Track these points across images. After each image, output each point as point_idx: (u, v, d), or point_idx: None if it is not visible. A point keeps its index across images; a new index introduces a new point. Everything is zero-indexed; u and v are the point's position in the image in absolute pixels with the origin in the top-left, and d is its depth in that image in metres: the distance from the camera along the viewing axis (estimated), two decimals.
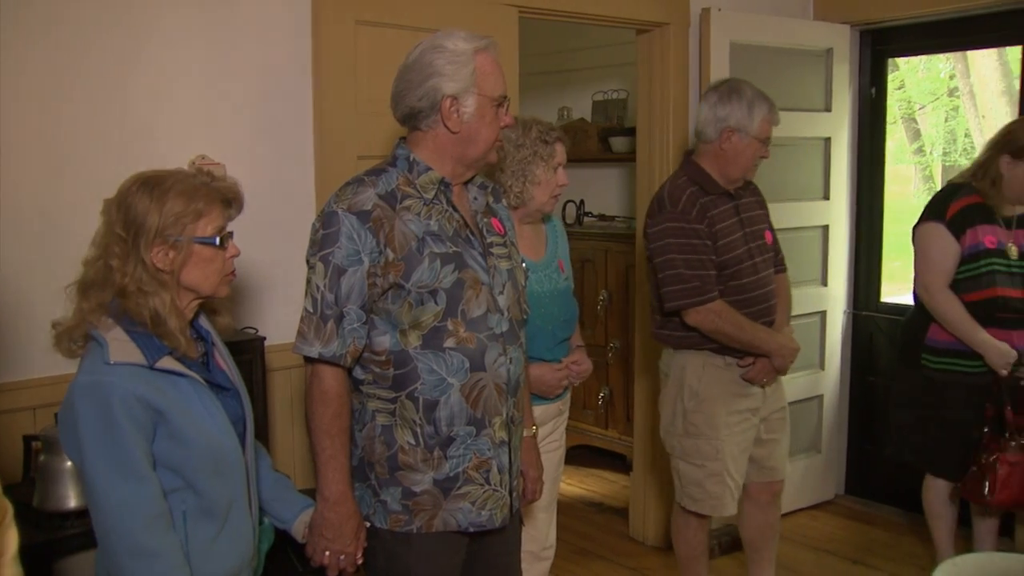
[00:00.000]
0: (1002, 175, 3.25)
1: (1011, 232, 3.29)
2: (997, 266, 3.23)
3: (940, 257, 3.29)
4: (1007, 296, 3.24)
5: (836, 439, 4.65)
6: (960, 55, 9.06)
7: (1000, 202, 3.29)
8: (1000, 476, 3.18)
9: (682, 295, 2.95)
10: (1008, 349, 3.23)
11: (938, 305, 3.30)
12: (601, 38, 5.06)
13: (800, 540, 4.23)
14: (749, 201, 3.18)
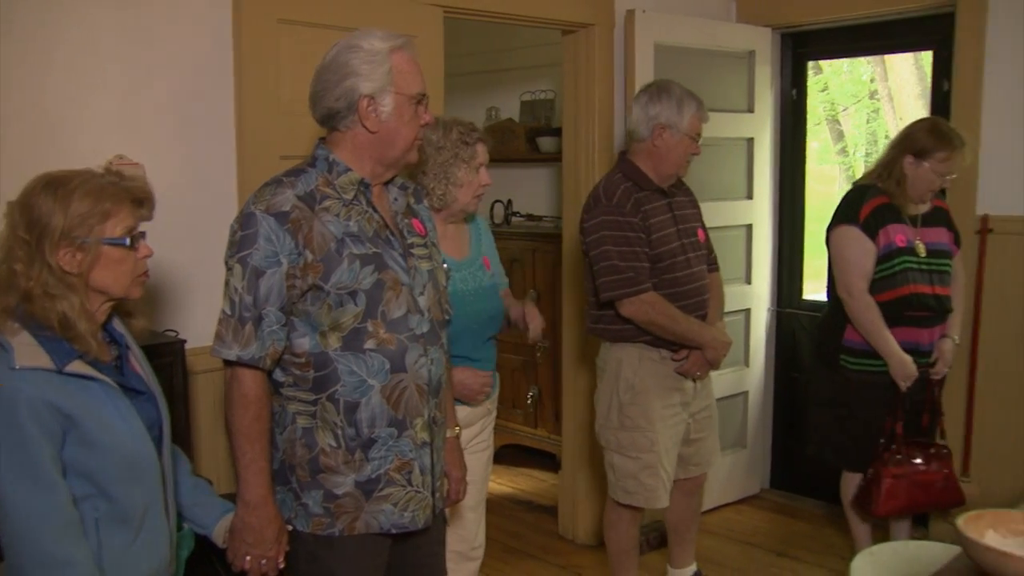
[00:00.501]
0: (906, 175, 3.34)
1: (917, 230, 3.38)
2: (909, 264, 3.32)
3: (859, 259, 3.35)
4: (920, 293, 3.32)
5: (761, 435, 4.73)
6: (879, 59, 9.28)
7: (905, 201, 3.37)
8: (884, 488, 3.30)
9: (616, 285, 3.02)
10: (911, 366, 3.30)
11: (858, 308, 3.36)
12: (529, 39, 5.09)
13: (726, 534, 4.30)
14: (682, 200, 3.28)
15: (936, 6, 4.01)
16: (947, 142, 3.29)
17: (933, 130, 3.34)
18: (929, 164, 3.30)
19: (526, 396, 5.06)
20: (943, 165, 3.29)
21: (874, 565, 2.72)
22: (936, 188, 3.38)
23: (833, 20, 4.39)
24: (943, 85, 4.09)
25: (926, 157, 3.30)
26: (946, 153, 3.28)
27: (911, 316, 3.34)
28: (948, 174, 3.32)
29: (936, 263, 3.36)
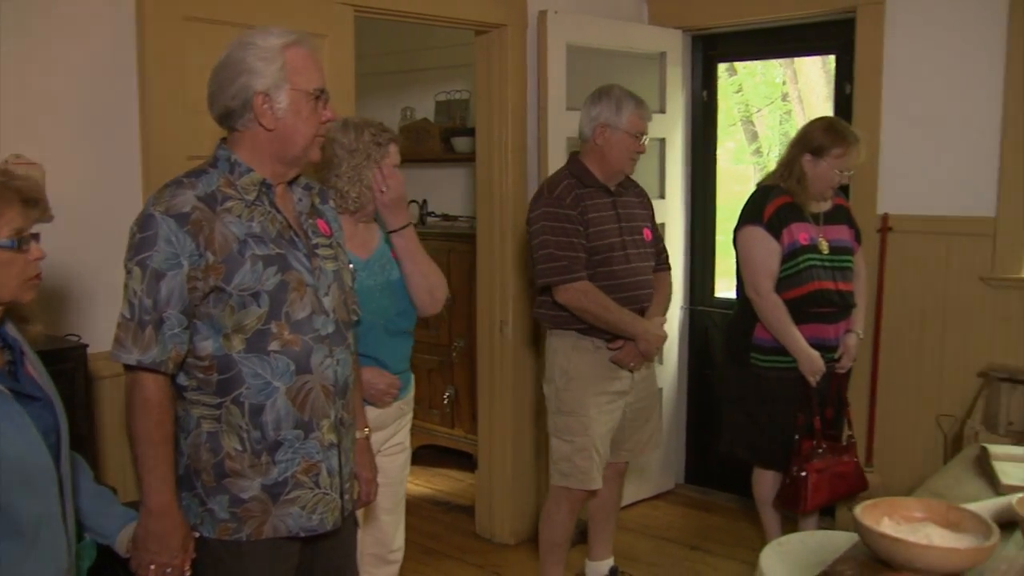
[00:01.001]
0: (806, 173, 3.43)
1: (820, 228, 3.47)
2: (814, 261, 3.40)
3: (765, 258, 3.43)
4: (824, 289, 3.40)
5: (675, 431, 4.81)
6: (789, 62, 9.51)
7: (807, 199, 3.46)
8: (810, 484, 3.39)
9: (552, 272, 3.20)
10: (819, 362, 3.39)
11: (766, 307, 3.43)
12: (444, 38, 5.08)
13: (641, 530, 4.36)
14: (631, 200, 3.44)
15: (838, 12, 4.13)
16: (842, 139, 3.40)
17: (828, 128, 3.44)
18: (826, 161, 3.39)
19: (443, 396, 5.06)
20: (839, 161, 3.39)
21: (781, 555, 2.79)
22: (835, 184, 3.47)
23: (741, 23, 4.50)
24: (846, 88, 4.21)
25: (823, 154, 3.39)
26: (842, 149, 3.38)
27: (817, 312, 3.42)
28: (845, 169, 3.42)
29: (839, 260, 3.46)
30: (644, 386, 3.50)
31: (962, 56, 3.78)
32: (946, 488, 2.46)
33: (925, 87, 3.88)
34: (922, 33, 3.87)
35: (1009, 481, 2.36)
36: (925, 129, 3.89)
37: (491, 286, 4.16)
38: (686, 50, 4.66)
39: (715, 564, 4.01)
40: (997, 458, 2.51)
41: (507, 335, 4.10)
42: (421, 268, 2.75)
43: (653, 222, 3.53)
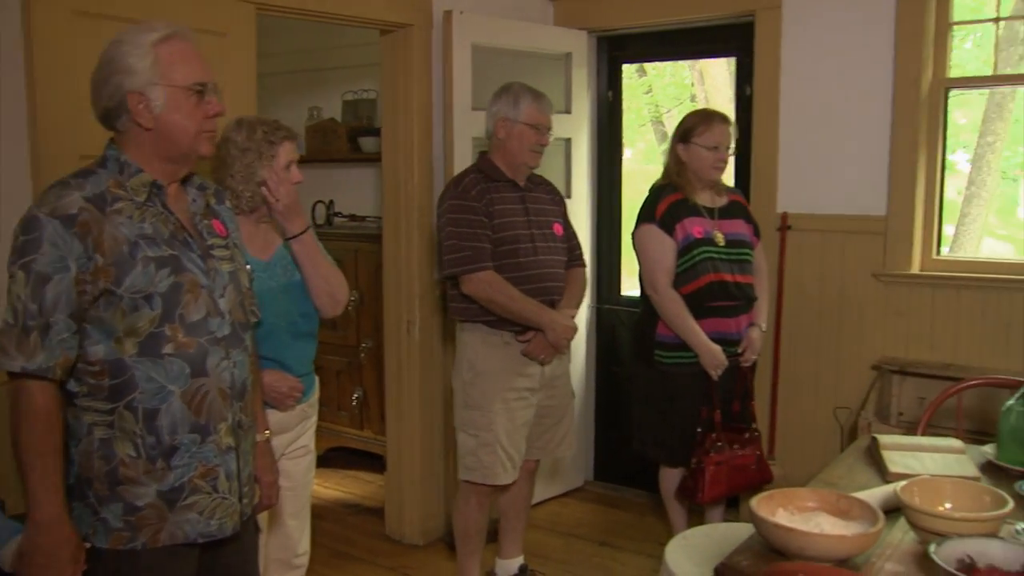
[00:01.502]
0: (683, 162, 3.52)
1: (715, 222, 3.53)
2: (709, 253, 3.46)
3: (660, 255, 3.49)
4: (722, 281, 3.46)
5: (584, 428, 4.85)
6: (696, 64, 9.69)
7: (693, 191, 3.52)
8: (708, 476, 3.44)
9: (456, 263, 3.27)
10: (721, 355, 3.45)
11: (665, 304, 3.48)
12: (352, 38, 5.03)
13: (550, 527, 4.39)
14: (540, 196, 3.51)
15: (738, 15, 4.22)
16: (703, 117, 3.52)
17: (691, 113, 3.59)
18: (695, 143, 3.48)
19: (351, 398, 5.02)
20: (705, 138, 3.47)
21: (686, 548, 2.86)
22: (715, 164, 3.49)
23: (645, 25, 4.57)
24: (746, 90, 4.31)
25: (690, 138, 3.49)
26: (704, 127, 3.48)
27: (716, 306, 3.47)
28: (717, 146, 3.47)
29: (736, 252, 3.51)
30: (556, 384, 3.52)
31: (855, 59, 3.91)
32: (839, 478, 2.52)
33: (821, 89, 4.00)
34: (817, 36, 3.98)
35: (896, 469, 2.44)
36: (821, 130, 4.01)
37: (398, 286, 4.14)
38: (591, 51, 4.71)
39: (623, 559, 4.06)
40: (886, 447, 2.59)
41: (414, 335, 4.09)
42: (321, 271, 2.73)
43: (565, 218, 3.57)
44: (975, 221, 7.69)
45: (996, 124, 7.67)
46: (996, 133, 7.68)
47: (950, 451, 2.58)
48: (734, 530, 2.86)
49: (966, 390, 3.12)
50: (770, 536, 1.99)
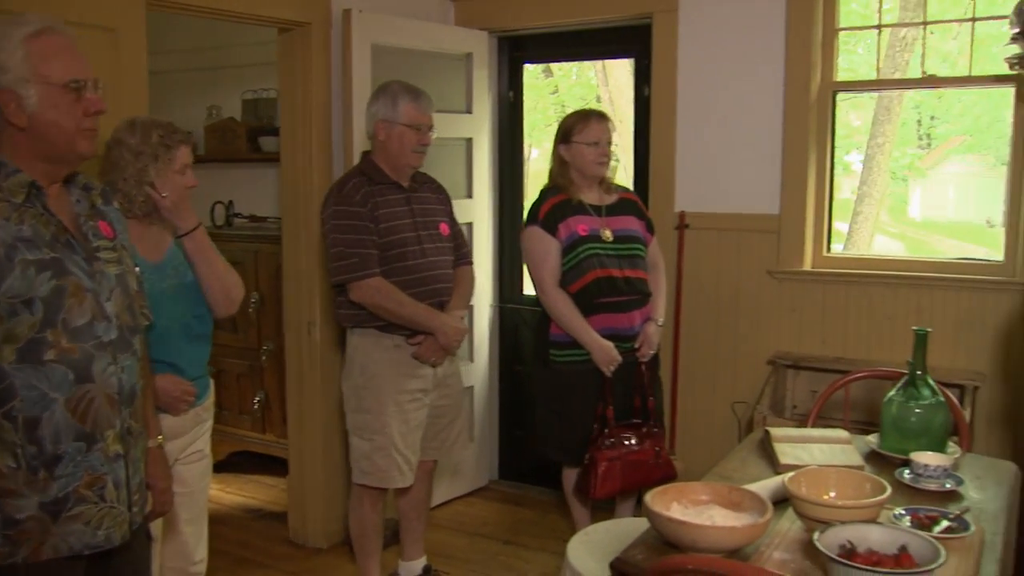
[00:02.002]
0: (566, 162, 3.55)
1: (603, 219, 3.56)
2: (595, 250, 3.48)
3: (544, 256, 3.51)
4: (610, 276, 3.47)
5: (488, 428, 4.87)
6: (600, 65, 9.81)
7: (578, 190, 3.55)
8: (600, 472, 3.45)
9: (344, 270, 3.23)
10: (612, 351, 3.47)
11: (552, 303, 3.51)
12: (251, 35, 4.94)
13: (455, 527, 4.40)
14: (426, 196, 3.48)
15: (636, 17, 4.29)
16: (581, 116, 3.56)
17: (569, 115, 3.62)
18: (575, 142, 3.51)
19: (253, 401, 4.94)
20: (585, 135, 3.50)
21: (587, 544, 2.89)
22: (598, 160, 3.52)
23: (546, 26, 4.60)
24: (644, 90, 4.38)
25: (571, 137, 3.53)
26: (582, 124, 3.52)
27: (605, 302, 3.48)
28: (597, 142, 3.50)
29: (625, 248, 3.53)
30: (449, 384, 3.52)
31: (748, 62, 4.01)
32: (733, 470, 2.59)
33: (716, 91, 4.09)
34: (712, 39, 4.08)
35: (786, 460, 2.52)
36: (717, 131, 4.10)
37: (298, 287, 4.09)
38: (492, 51, 4.73)
39: (527, 557, 4.09)
40: (777, 440, 2.67)
41: (315, 336, 4.05)
42: (215, 269, 2.68)
43: (451, 217, 3.55)
44: (867, 219, 7.95)
45: (885, 126, 7.96)
46: (885, 135, 7.96)
47: (837, 442, 2.68)
48: (635, 525, 2.88)
49: (852, 383, 3.23)
50: (664, 530, 2.03)
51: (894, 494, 2.31)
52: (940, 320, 3.70)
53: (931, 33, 6.44)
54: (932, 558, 1.79)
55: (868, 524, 1.96)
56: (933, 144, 9.64)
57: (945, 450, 2.61)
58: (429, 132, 3.36)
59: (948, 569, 1.89)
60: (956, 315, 3.71)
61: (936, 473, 2.41)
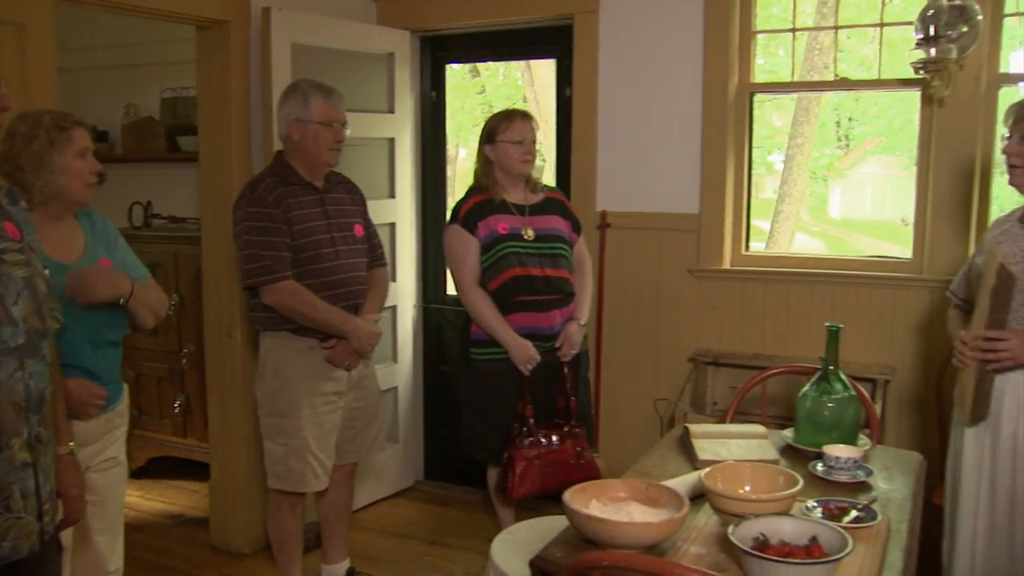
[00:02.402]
0: (491, 161, 3.55)
1: (526, 218, 3.56)
2: (514, 248, 3.48)
3: (463, 254, 3.52)
4: (528, 275, 3.48)
5: (413, 428, 4.86)
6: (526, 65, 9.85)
7: (502, 190, 3.55)
8: (518, 472, 3.45)
9: (255, 273, 3.18)
10: (529, 350, 3.47)
11: (470, 302, 3.52)
12: (171, 32, 4.84)
13: (380, 528, 4.38)
14: (340, 196, 3.43)
15: (558, 18, 4.32)
16: (504, 116, 3.57)
17: (492, 115, 3.62)
18: (500, 141, 3.52)
19: (173, 405, 4.84)
20: (509, 134, 3.51)
21: (511, 543, 2.90)
22: (522, 158, 3.52)
23: (468, 26, 4.60)
24: (566, 91, 4.41)
25: (496, 136, 3.53)
26: (506, 123, 3.52)
27: (524, 301, 3.48)
28: (521, 140, 3.50)
29: (547, 247, 3.53)
30: (364, 386, 3.50)
31: (667, 64, 4.07)
32: (652, 467, 2.63)
33: (637, 92, 4.14)
34: (632, 41, 4.12)
35: (704, 456, 2.56)
36: (637, 131, 4.15)
37: (218, 289, 4.04)
38: (415, 51, 4.71)
39: (453, 557, 4.09)
40: (696, 436, 2.71)
41: (236, 339, 3.99)
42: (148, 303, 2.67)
43: (366, 218, 3.53)
44: (788, 218, 8.13)
45: (804, 127, 8.14)
46: (804, 136, 8.15)
47: (754, 437, 2.73)
48: (559, 524, 2.89)
49: (769, 379, 3.29)
50: (582, 527, 2.05)
51: (808, 486, 2.38)
52: (854, 316, 3.80)
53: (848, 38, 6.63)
54: (841, 547, 1.85)
55: (781, 517, 2.00)
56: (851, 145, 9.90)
57: (856, 442, 2.68)
58: (343, 128, 3.33)
59: (856, 557, 1.95)
60: (869, 311, 3.82)
61: (847, 465, 2.48)
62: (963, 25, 3.44)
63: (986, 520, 2.70)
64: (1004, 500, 2.66)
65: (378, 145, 4.49)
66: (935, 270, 3.67)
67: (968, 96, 3.57)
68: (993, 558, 2.69)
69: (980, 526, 2.72)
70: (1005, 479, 2.65)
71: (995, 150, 3.62)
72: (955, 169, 3.64)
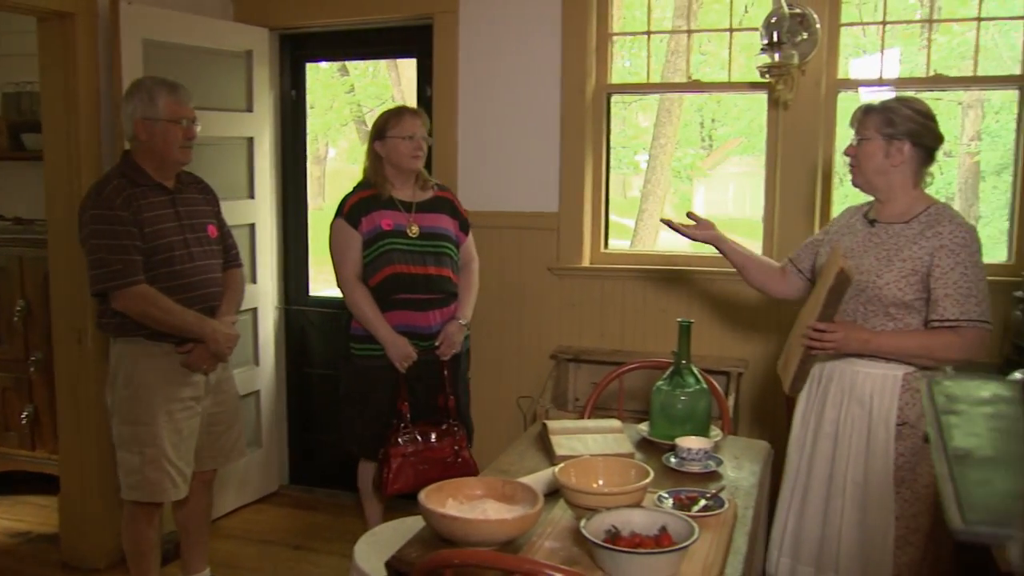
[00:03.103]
0: (381, 157, 3.56)
1: (411, 215, 3.57)
2: (396, 245, 3.50)
3: (345, 249, 3.53)
4: (410, 272, 3.49)
5: (277, 432, 4.77)
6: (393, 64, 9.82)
7: (390, 186, 3.56)
8: (392, 469, 3.47)
9: (105, 278, 3.06)
10: (405, 348, 3.49)
11: (349, 297, 3.53)
12: (15, 23, 4.62)
13: (243, 536, 4.28)
14: (193, 197, 3.32)
15: (417, 17, 4.32)
16: (394, 112, 3.59)
17: (382, 112, 3.63)
18: (390, 135, 3.53)
19: (20, 416, 4.62)
20: (399, 129, 3.52)
21: (375, 544, 2.89)
22: (413, 153, 3.53)
23: (328, 24, 4.55)
24: (427, 91, 4.41)
25: (385, 133, 3.54)
26: (396, 119, 3.55)
27: (402, 299, 3.50)
28: (411, 136, 3.52)
29: (431, 245, 3.55)
30: (223, 390, 3.42)
31: (527, 65, 4.12)
32: (511, 464, 2.65)
33: (497, 92, 4.17)
34: (492, 41, 4.16)
35: (562, 452, 2.60)
36: (497, 131, 4.19)
37: (67, 294, 3.87)
38: (274, 49, 4.63)
39: (318, 561, 4.03)
40: (554, 432, 2.75)
41: (87, 345, 3.84)
42: None
43: (220, 219, 3.45)
44: (652, 216, 8.34)
45: (666, 128, 8.37)
46: (667, 136, 8.38)
47: (610, 431, 2.79)
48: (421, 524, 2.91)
49: (626, 374, 3.37)
50: (437, 526, 2.06)
51: (662, 478, 2.45)
52: (709, 311, 3.93)
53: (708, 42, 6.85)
54: (688, 535, 1.90)
55: (632, 509, 2.06)
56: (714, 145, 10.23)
57: (708, 434, 2.77)
58: (194, 125, 3.23)
59: (703, 544, 2.02)
60: (723, 306, 3.94)
61: (698, 456, 2.56)
62: (804, 32, 3.60)
63: (800, 500, 2.83)
64: (819, 482, 2.77)
65: (236, 144, 4.39)
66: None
67: (810, 100, 3.74)
68: (803, 538, 2.81)
69: (794, 504, 2.85)
70: (823, 463, 2.77)
71: (836, 151, 3.80)
72: (800, 169, 3.80)
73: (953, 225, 2.64)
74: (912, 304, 2.65)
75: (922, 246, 2.64)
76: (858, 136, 2.76)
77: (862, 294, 2.69)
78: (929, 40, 3.72)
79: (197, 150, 3.30)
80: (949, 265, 2.59)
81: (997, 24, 4.61)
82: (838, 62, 3.79)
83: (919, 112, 2.71)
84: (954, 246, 2.60)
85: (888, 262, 2.67)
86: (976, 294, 2.59)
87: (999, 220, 6.74)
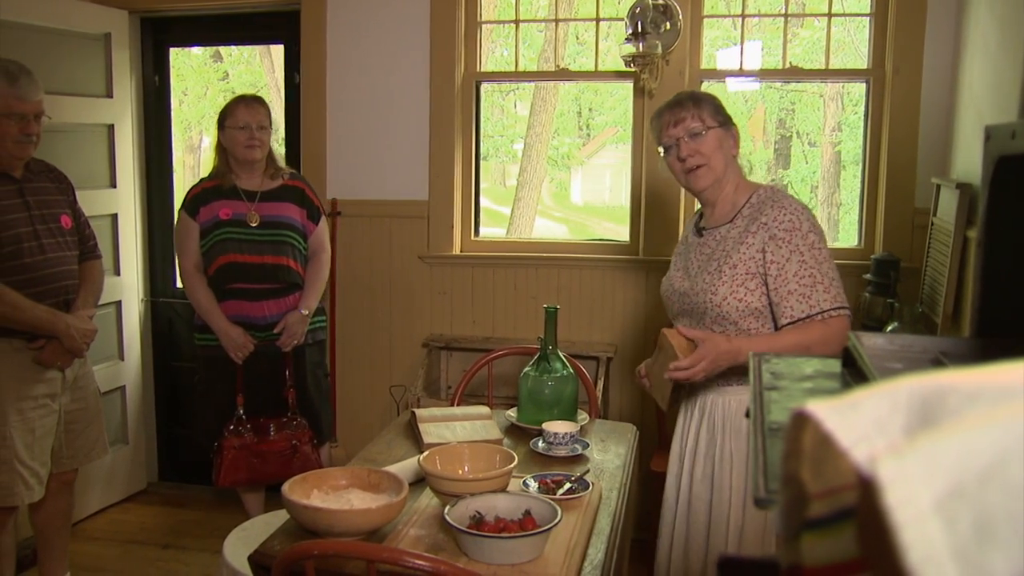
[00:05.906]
0: (224, 147, 3.52)
1: (254, 204, 3.51)
2: (231, 234, 3.45)
3: (183, 239, 3.51)
4: (244, 262, 3.45)
5: (144, 428, 4.63)
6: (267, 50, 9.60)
7: (234, 177, 3.51)
8: (225, 461, 3.43)
9: None
10: (239, 339, 3.43)
11: (187, 287, 3.52)
12: None
13: (108, 537, 4.15)
14: (44, 186, 3.18)
15: (284, 3, 4.24)
16: (231, 103, 3.54)
17: (227, 103, 3.56)
18: (227, 126, 3.49)
19: None
20: (233, 120, 3.47)
21: (244, 539, 2.85)
22: (247, 143, 3.45)
23: (191, 8, 4.42)
24: (295, 78, 4.34)
25: (224, 122, 3.50)
26: (231, 110, 3.50)
27: (235, 289, 3.46)
28: (245, 126, 3.45)
29: (271, 234, 3.49)
30: (81, 386, 3.31)
31: (396, 52, 4.09)
32: (378, 453, 2.64)
33: (366, 79, 4.13)
34: (362, 28, 4.11)
35: (430, 440, 2.61)
36: (367, 119, 4.15)
37: None
38: (134, 33, 4.47)
39: (187, 559, 3.94)
40: (423, 420, 2.76)
41: None
42: None
43: (75, 208, 3.31)
44: (528, 204, 8.41)
45: (542, 116, 8.44)
46: (542, 124, 8.45)
47: (479, 418, 2.82)
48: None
49: (495, 360, 3.39)
50: (301, 517, 2.04)
51: (530, 463, 2.49)
52: (578, 297, 3.99)
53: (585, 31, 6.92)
54: (551, 518, 1.94)
55: (496, 494, 2.08)
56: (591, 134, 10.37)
57: (575, 418, 2.82)
58: (33, 121, 3.03)
59: (567, 526, 2.05)
60: (592, 292, 4.01)
61: (565, 440, 2.60)
62: (666, 23, 3.69)
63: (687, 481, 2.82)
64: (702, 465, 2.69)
65: (95, 131, 4.23)
66: (650, 251, 3.92)
67: (674, 88, 3.79)
68: (693, 521, 2.76)
69: (683, 488, 2.74)
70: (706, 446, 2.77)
71: None
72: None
73: (776, 210, 2.35)
74: (766, 310, 2.36)
75: (750, 244, 2.35)
76: (691, 130, 2.46)
77: (706, 316, 2.41)
78: (785, 34, 3.85)
79: (51, 137, 3.18)
80: (784, 256, 2.30)
81: (855, 20, 4.80)
82: (701, 52, 3.89)
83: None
84: (783, 233, 2.31)
85: (718, 274, 2.38)
86: (822, 280, 2.29)
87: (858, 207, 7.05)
